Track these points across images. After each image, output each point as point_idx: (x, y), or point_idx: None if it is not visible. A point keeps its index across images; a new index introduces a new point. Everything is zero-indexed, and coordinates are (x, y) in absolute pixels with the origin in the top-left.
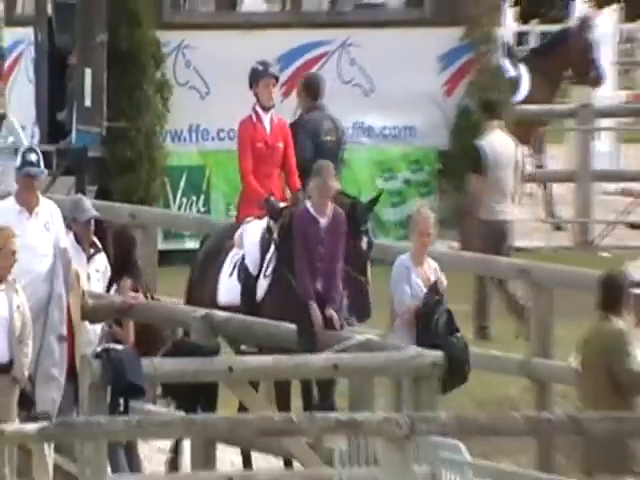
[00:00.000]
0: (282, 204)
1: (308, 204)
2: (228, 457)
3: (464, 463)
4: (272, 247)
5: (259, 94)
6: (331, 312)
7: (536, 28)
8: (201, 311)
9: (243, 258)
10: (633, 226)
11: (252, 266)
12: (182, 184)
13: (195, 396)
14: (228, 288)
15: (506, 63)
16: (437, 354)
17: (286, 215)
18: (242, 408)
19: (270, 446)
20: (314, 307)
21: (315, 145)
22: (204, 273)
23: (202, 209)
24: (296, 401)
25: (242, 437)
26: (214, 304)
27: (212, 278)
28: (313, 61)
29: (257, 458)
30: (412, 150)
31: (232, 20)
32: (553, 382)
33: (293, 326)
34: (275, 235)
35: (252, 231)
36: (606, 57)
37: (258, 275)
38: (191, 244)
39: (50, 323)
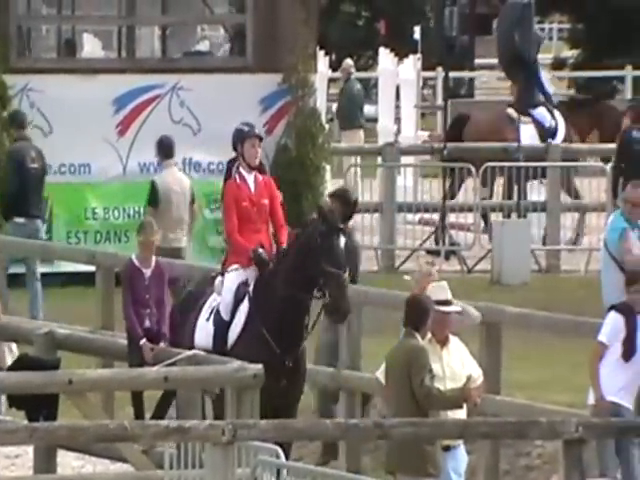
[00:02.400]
0: (267, 256)
1: (133, 257)
2: (69, 462)
3: (282, 465)
4: (246, 298)
5: (244, 154)
6: (162, 345)
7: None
8: (44, 328)
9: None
10: (430, 252)
11: (224, 312)
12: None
13: (38, 406)
14: (204, 332)
15: (544, 112)
16: (258, 367)
17: (263, 270)
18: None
19: (106, 451)
20: (145, 345)
21: (21, 172)
22: (184, 316)
23: (45, 237)
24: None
25: (80, 443)
26: (191, 346)
27: (191, 321)
28: (146, 103)
29: (94, 462)
30: None
31: (72, 65)
32: (362, 392)
33: (124, 342)
34: (250, 288)
35: (230, 279)
36: (410, 101)
37: (230, 322)
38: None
39: None
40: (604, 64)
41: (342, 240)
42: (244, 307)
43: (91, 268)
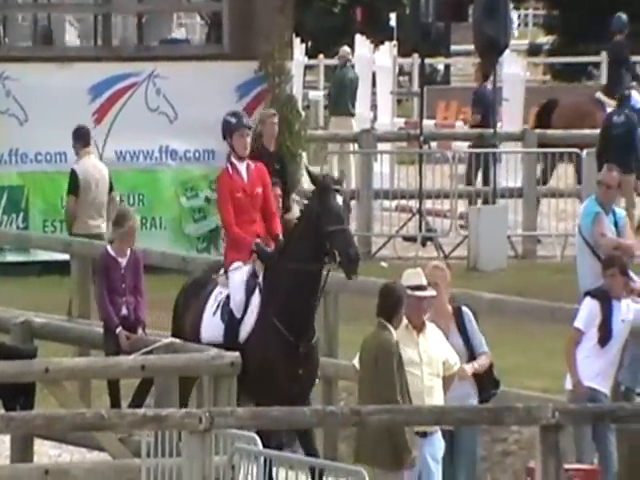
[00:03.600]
0: (269, 249)
1: (109, 247)
2: (45, 451)
3: (259, 453)
4: (257, 290)
5: (234, 145)
6: (140, 332)
7: (322, 62)
8: (21, 317)
9: (227, 298)
10: (407, 239)
11: (236, 309)
12: (3, 203)
13: (15, 395)
14: (211, 326)
15: (635, 95)
16: (235, 354)
17: (269, 261)
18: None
19: (83, 440)
20: (121, 333)
21: None
22: (188, 306)
23: (21, 225)
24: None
25: (57, 432)
26: (196, 339)
27: (195, 313)
28: (122, 91)
29: (71, 451)
30: (212, 171)
31: (48, 54)
32: (339, 379)
33: (101, 330)
34: (260, 279)
35: (237, 274)
36: (386, 88)
37: (242, 317)
38: (11, 257)
39: None
40: (579, 50)
41: (339, 199)
42: (255, 300)
43: (67, 257)
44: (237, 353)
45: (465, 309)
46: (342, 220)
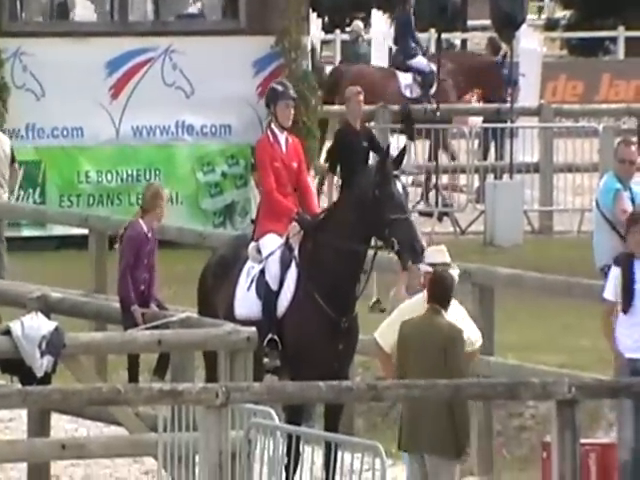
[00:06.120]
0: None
1: (141, 222)
2: (62, 425)
3: (275, 427)
4: (293, 264)
5: (277, 114)
6: (153, 307)
7: (339, 37)
8: (37, 292)
9: (261, 273)
10: (423, 214)
11: (272, 282)
12: (20, 178)
13: (31, 370)
14: (246, 302)
15: None
16: (252, 329)
17: (312, 234)
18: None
19: (100, 414)
20: (136, 310)
21: None
22: (218, 284)
23: (38, 200)
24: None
25: (74, 406)
26: (230, 316)
27: (227, 290)
28: (139, 66)
29: (88, 426)
30: (228, 146)
31: (65, 29)
32: (357, 354)
33: (118, 305)
34: (296, 253)
35: (271, 246)
36: None
37: (278, 291)
38: (28, 232)
39: None
40: (596, 25)
41: (399, 185)
42: (292, 274)
43: (84, 231)
44: (253, 328)
45: None
46: (405, 209)
